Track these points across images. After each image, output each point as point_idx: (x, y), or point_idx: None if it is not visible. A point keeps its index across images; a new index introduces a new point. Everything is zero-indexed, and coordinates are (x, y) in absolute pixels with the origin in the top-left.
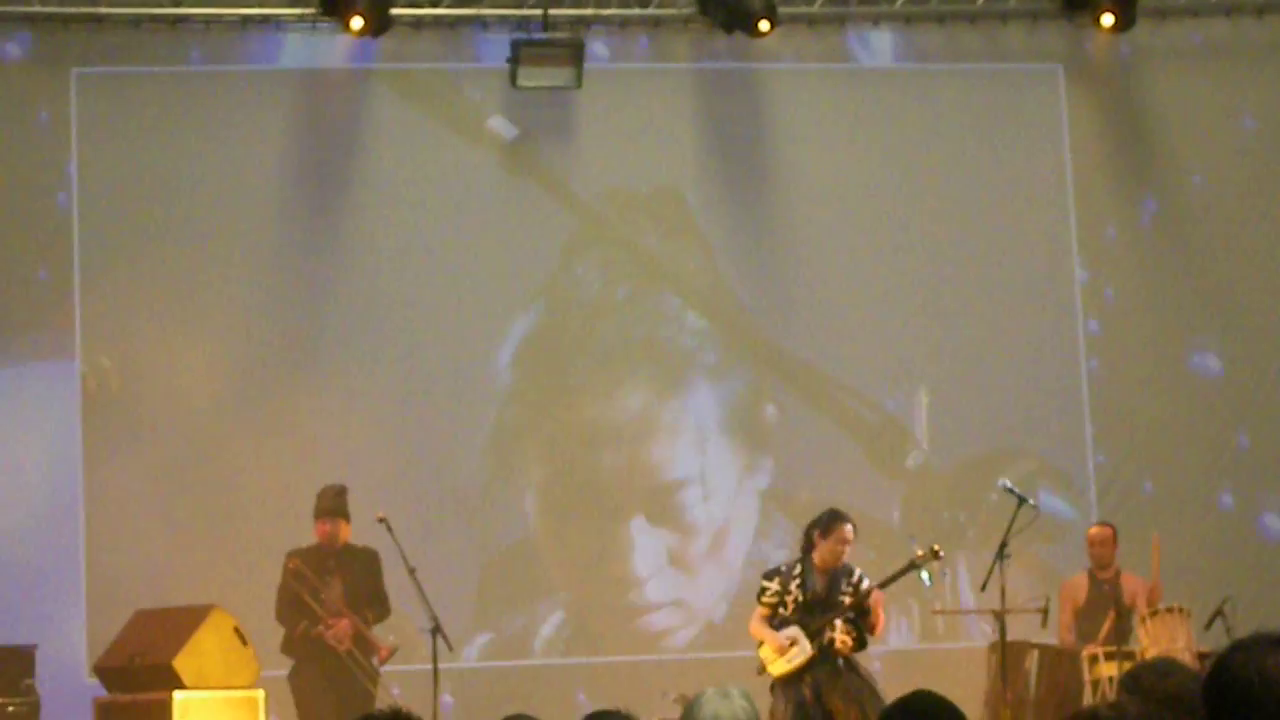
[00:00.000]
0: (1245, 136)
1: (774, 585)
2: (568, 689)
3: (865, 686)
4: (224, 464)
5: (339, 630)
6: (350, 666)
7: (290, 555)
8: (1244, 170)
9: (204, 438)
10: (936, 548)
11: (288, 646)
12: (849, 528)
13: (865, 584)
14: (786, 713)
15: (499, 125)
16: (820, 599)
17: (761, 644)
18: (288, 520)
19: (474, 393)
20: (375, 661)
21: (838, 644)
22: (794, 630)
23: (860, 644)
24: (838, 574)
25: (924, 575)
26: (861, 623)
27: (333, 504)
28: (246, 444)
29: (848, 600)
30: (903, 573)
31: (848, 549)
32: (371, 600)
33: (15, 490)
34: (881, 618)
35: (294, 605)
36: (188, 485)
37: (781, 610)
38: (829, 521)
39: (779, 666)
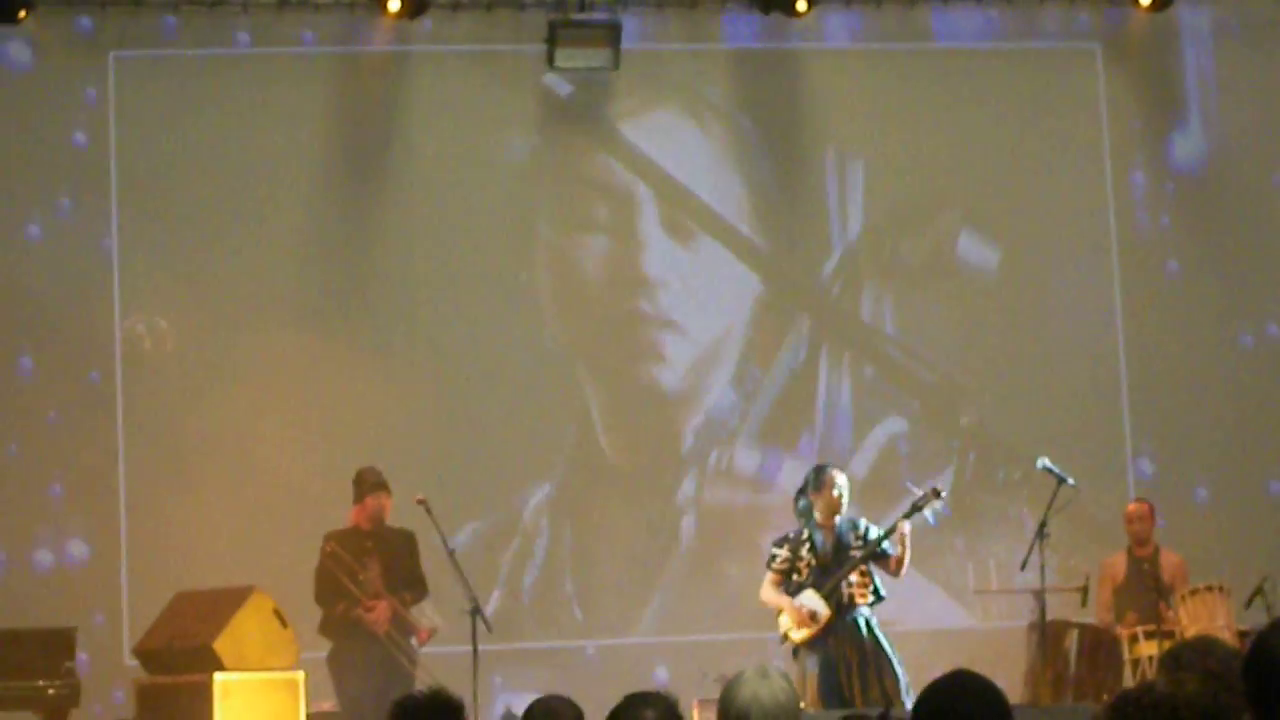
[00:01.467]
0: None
1: (784, 552)
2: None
3: (880, 650)
4: (263, 445)
5: (378, 613)
6: (389, 648)
7: (328, 538)
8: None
9: (243, 418)
10: (938, 488)
11: (326, 628)
12: (837, 473)
13: (873, 533)
14: (815, 674)
15: (552, 82)
16: (830, 557)
17: (780, 611)
18: (326, 502)
19: (512, 373)
20: (414, 643)
21: (857, 598)
22: (808, 595)
23: (876, 594)
24: (844, 529)
25: (928, 514)
26: (879, 568)
27: (378, 478)
28: (285, 425)
29: (857, 554)
30: (908, 515)
31: (844, 495)
32: (409, 582)
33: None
34: (905, 555)
35: (332, 587)
36: (227, 466)
37: (795, 576)
38: (817, 475)
39: (799, 632)
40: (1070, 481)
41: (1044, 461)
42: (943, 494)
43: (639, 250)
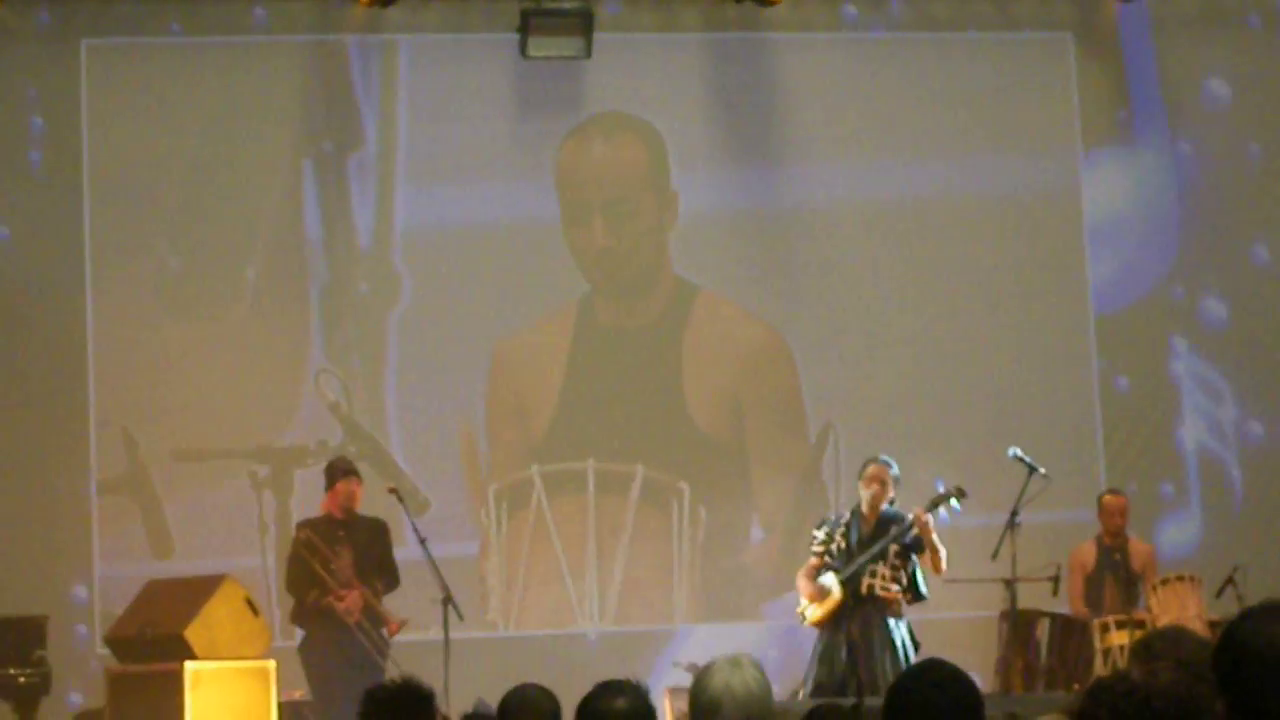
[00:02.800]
0: (1257, 105)
1: (821, 533)
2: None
3: (889, 646)
4: (235, 436)
5: (349, 601)
6: (360, 638)
7: (300, 526)
8: (1259, 138)
9: (215, 408)
10: (961, 487)
11: (298, 617)
12: (873, 466)
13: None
14: (817, 650)
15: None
16: (863, 544)
17: (801, 595)
18: (300, 490)
19: (486, 366)
20: (385, 633)
21: (878, 590)
22: (827, 577)
23: (913, 593)
24: (886, 520)
25: (954, 504)
26: (920, 561)
27: (348, 465)
28: (258, 414)
29: (894, 548)
30: (928, 508)
31: (878, 487)
32: (381, 570)
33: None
34: (939, 551)
35: (304, 575)
36: (199, 456)
37: (828, 559)
38: (864, 466)
39: (813, 612)
40: (1041, 471)
41: (1015, 450)
42: (966, 493)
43: (615, 237)
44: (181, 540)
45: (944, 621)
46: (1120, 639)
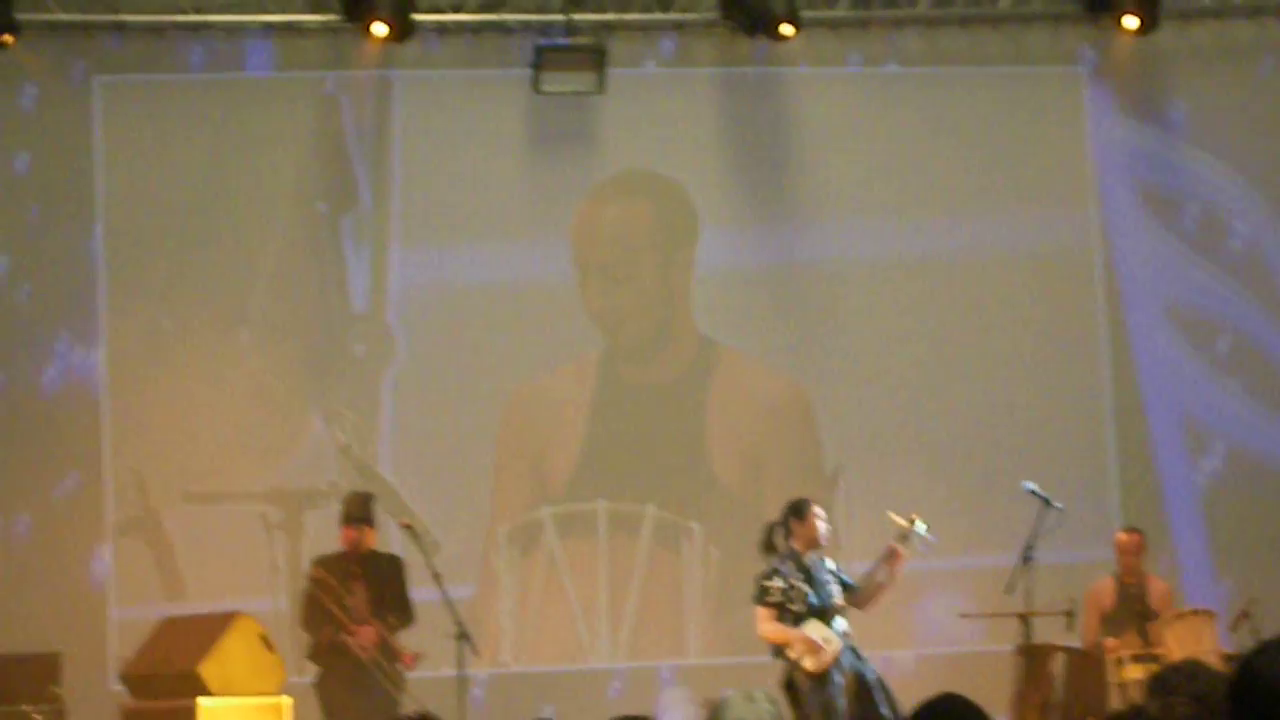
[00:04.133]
0: (1271, 138)
1: (777, 583)
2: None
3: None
4: (250, 468)
5: (363, 637)
6: (375, 673)
7: (314, 563)
8: (1272, 172)
9: (229, 438)
10: (913, 516)
11: (314, 654)
12: (817, 506)
13: (843, 570)
14: (828, 704)
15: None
16: (821, 586)
17: (785, 645)
18: (313, 526)
19: (499, 410)
20: (400, 668)
21: (848, 629)
22: (815, 627)
23: None
24: (818, 560)
25: (919, 529)
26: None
27: (359, 511)
28: (271, 447)
29: (836, 587)
30: (904, 540)
31: (824, 525)
32: (395, 606)
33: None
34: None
35: (319, 613)
36: (212, 490)
37: (791, 606)
38: (799, 506)
39: (816, 663)
40: (1057, 505)
41: (1029, 485)
42: (916, 521)
43: (626, 272)
44: (194, 582)
45: (959, 655)
46: (1135, 673)
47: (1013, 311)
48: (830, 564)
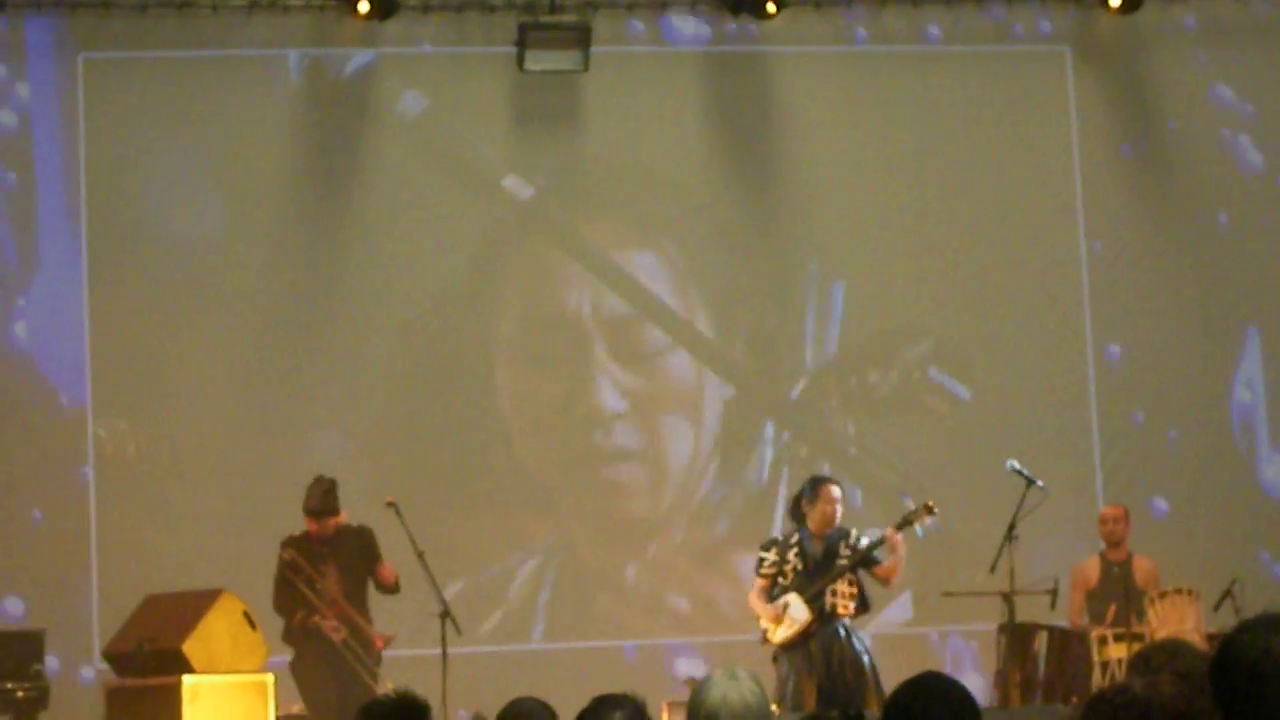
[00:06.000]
0: (1253, 118)
1: (771, 555)
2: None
3: (857, 659)
4: (232, 449)
5: (335, 620)
6: (348, 656)
7: (284, 545)
8: (1253, 152)
9: (212, 422)
10: (930, 503)
11: (288, 636)
12: (834, 488)
13: (864, 542)
14: (791, 677)
15: (513, 184)
16: (818, 564)
17: (759, 617)
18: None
19: (476, 379)
20: (373, 651)
21: (839, 609)
22: (789, 597)
23: (862, 604)
24: (834, 538)
25: (917, 529)
26: (868, 576)
27: (319, 503)
28: (254, 429)
29: (845, 562)
30: (899, 527)
31: (838, 508)
32: (371, 579)
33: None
34: (899, 566)
35: (290, 595)
36: (197, 470)
37: (781, 580)
38: (814, 486)
39: (778, 634)
40: (1039, 483)
41: (1013, 463)
42: (935, 509)
43: (608, 249)
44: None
45: (942, 634)
46: (1118, 652)
47: (996, 288)
48: (858, 538)
